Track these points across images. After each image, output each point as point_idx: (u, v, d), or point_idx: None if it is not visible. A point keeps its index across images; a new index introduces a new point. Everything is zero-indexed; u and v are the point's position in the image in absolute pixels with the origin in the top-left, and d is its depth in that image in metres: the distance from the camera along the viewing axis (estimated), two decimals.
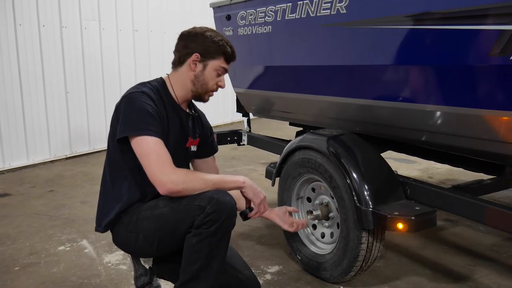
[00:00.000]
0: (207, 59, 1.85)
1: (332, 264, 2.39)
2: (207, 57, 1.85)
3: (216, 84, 1.90)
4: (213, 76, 1.88)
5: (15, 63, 4.91)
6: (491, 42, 1.73)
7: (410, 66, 2.10)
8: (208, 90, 1.90)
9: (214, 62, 1.86)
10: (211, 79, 1.88)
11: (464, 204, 2.06)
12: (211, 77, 1.87)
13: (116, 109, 1.81)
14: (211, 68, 1.86)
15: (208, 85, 1.88)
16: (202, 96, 1.92)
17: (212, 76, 1.87)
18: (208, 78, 1.87)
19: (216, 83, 1.90)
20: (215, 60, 1.86)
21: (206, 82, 1.87)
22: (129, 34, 6.17)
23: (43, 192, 4.24)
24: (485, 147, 1.97)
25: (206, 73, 1.86)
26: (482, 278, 2.54)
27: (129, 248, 1.89)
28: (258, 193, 1.83)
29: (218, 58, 1.86)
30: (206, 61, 1.85)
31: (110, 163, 1.88)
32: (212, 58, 1.85)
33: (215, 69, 1.87)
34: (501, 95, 1.82)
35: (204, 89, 1.89)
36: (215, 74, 1.88)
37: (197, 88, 1.88)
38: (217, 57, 1.86)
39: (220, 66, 1.87)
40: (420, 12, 1.94)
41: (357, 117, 2.54)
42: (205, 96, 1.92)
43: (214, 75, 1.88)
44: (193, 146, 2.02)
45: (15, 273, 2.63)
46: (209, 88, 1.89)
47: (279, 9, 2.68)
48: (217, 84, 1.90)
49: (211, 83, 1.88)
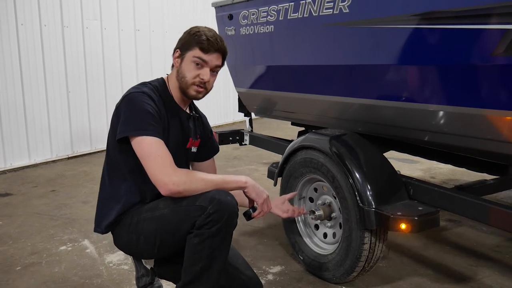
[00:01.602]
0: (185, 51, 1.83)
1: (335, 264, 2.39)
2: (184, 50, 1.83)
3: (197, 76, 1.82)
4: (190, 68, 1.82)
5: (17, 63, 4.91)
6: (494, 41, 1.71)
7: (413, 65, 2.09)
8: (188, 83, 1.83)
9: (190, 53, 1.82)
10: (188, 71, 1.82)
11: (467, 204, 2.05)
12: (188, 69, 1.82)
13: (116, 109, 1.80)
14: (187, 59, 1.82)
15: (186, 77, 1.82)
16: (186, 91, 1.85)
17: (189, 68, 1.82)
18: (185, 70, 1.82)
19: (196, 75, 1.82)
20: (191, 51, 1.82)
21: (184, 75, 1.82)
22: (131, 34, 6.17)
23: (44, 192, 4.24)
24: (488, 147, 1.96)
25: (183, 66, 1.83)
26: (484, 279, 2.53)
27: (130, 250, 1.88)
28: (261, 193, 1.81)
29: (193, 49, 1.81)
30: (183, 55, 1.83)
31: (109, 164, 1.87)
32: (188, 49, 1.82)
33: (192, 60, 1.81)
34: (505, 94, 1.81)
35: (185, 82, 1.83)
36: (193, 66, 1.81)
37: (180, 83, 1.85)
38: (191, 48, 1.81)
39: (195, 56, 1.80)
40: (423, 11, 1.93)
41: (360, 117, 2.53)
42: (188, 91, 1.84)
43: (192, 67, 1.82)
44: (193, 147, 2.02)
45: (16, 273, 2.62)
46: (188, 81, 1.82)
47: (281, 8, 2.68)
48: (198, 76, 1.82)
49: (189, 75, 1.82)
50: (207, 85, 1.85)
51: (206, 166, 2.12)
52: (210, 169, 2.12)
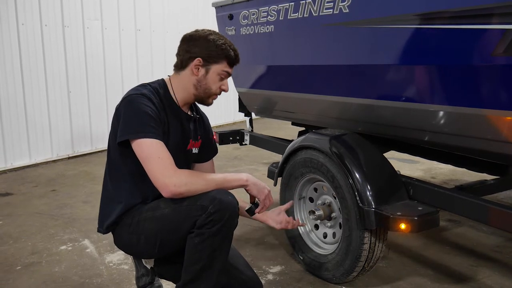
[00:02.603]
0: (210, 63, 1.82)
1: (335, 264, 2.39)
2: (210, 61, 1.82)
3: (219, 88, 1.88)
4: (215, 80, 1.85)
5: (18, 63, 4.92)
6: (494, 41, 1.71)
7: (413, 65, 2.09)
8: (211, 94, 1.88)
9: (217, 66, 1.83)
10: (213, 83, 1.85)
11: (467, 205, 2.05)
12: (213, 81, 1.85)
13: (116, 111, 1.79)
14: (213, 72, 1.83)
15: (211, 89, 1.86)
16: (205, 100, 1.90)
17: (215, 80, 1.85)
18: (210, 83, 1.85)
19: (219, 87, 1.88)
20: (218, 64, 1.83)
21: (209, 87, 1.85)
22: (131, 34, 6.18)
23: (45, 191, 4.25)
24: (488, 147, 1.96)
25: (208, 78, 1.84)
26: (485, 279, 2.53)
27: (131, 250, 1.88)
28: (262, 189, 1.81)
29: (221, 62, 1.83)
30: (208, 66, 1.83)
31: (110, 165, 1.87)
32: (215, 62, 1.83)
33: (218, 73, 1.84)
34: (505, 94, 1.81)
35: (207, 93, 1.87)
36: (218, 78, 1.85)
37: (200, 92, 1.86)
38: (220, 61, 1.83)
39: (223, 70, 1.85)
40: (423, 11, 1.93)
41: (360, 117, 2.53)
42: (208, 100, 1.91)
43: (217, 79, 1.85)
44: (194, 148, 2.01)
45: (16, 273, 2.63)
46: (212, 92, 1.87)
47: (282, 8, 2.68)
48: (220, 88, 1.88)
49: (214, 87, 1.86)
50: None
51: (206, 167, 2.11)
52: (209, 170, 2.12)
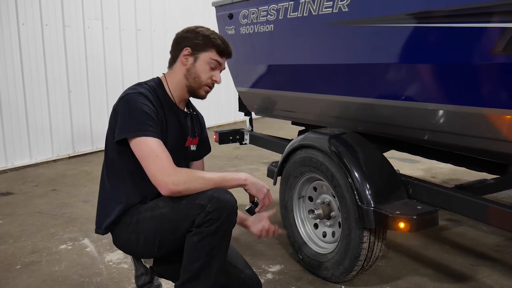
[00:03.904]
0: (198, 51, 1.83)
1: (334, 263, 2.39)
2: (198, 49, 1.83)
3: (210, 78, 1.85)
4: (205, 69, 1.84)
5: (18, 63, 4.93)
6: (493, 40, 1.71)
7: (413, 64, 2.08)
8: (201, 84, 1.85)
9: (205, 54, 1.83)
10: (203, 72, 1.84)
11: (466, 204, 2.05)
12: (203, 70, 1.84)
13: (113, 111, 1.79)
14: (202, 60, 1.83)
15: (201, 78, 1.84)
16: (196, 91, 1.87)
17: (205, 69, 1.84)
18: (199, 71, 1.84)
19: (210, 77, 1.85)
20: (206, 52, 1.83)
21: (198, 75, 1.84)
22: (132, 34, 6.18)
23: (45, 191, 4.25)
24: (488, 146, 1.96)
25: (197, 66, 1.83)
26: (484, 278, 2.52)
27: (130, 249, 1.88)
28: (261, 188, 1.81)
29: (209, 51, 1.83)
30: (197, 54, 1.83)
31: (108, 165, 1.87)
32: (203, 50, 1.83)
33: (207, 62, 1.83)
34: (504, 93, 1.81)
35: (197, 82, 1.85)
36: (208, 67, 1.84)
37: (190, 82, 1.85)
38: (208, 50, 1.83)
39: (212, 58, 1.83)
40: (422, 10, 1.93)
41: (359, 116, 2.53)
42: (199, 91, 1.87)
43: (207, 69, 1.84)
44: (192, 146, 2.02)
45: (16, 271, 2.63)
46: (202, 82, 1.85)
47: (281, 7, 2.68)
48: (211, 78, 1.86)
49: (204, 76, 1.84)
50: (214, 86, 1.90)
51: (197, 165, 2.12)
52: (200, 168, 2.12)
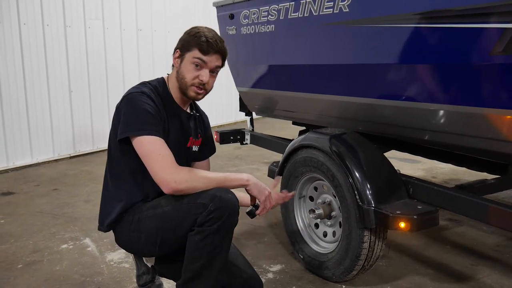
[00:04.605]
0: (184, 52, 1.84)
1: (334, 263, 2.39)
2: (184, 50, 1.84)
3: (196, 78, 1.82)
4: (190, 69, 1.82)
5: (19, 63, 4.93)
6: (493, 40, 1.72)
7: (413, 65, 2.09)
8: (187, 84, 1.83)
9: (189, 54, 1.82)
10: (187, 71, 1.82)
11: (466, 203, 2.05)
12: (187, 70, 1.82)
13: (116, 110, 1.81)
14: (187, 61, 1.82)
15: (185, 78, 1.82)
16: (185, 92, 1.85)
17: (189, 68, 1.82)
18: (184, 71, 1.83)
19: (196, 77, 1.82)
20: (190, 52, 1.82)
21: (184, 76, 1.83)
22: (133, 34, 6.18)
23: (46, 190, 4.26)
24: (488, 146, 1.96)
25: (182, 66, 1.83)
26: (485, 278, 2.53)
27: (132, 248, 1.89)
28: (263, 190, 1.82)
29: (192, 50, 1.81)
30: (183, 55, 1.84)
31: (111, 164, 1.88)
32: (188, 50, 1.82)
33: (191, 61, 1.81)
34: (504, 93, 1.81)
35: (184, 83, 1.84)
36: (192, 67, 1.82)
37: (180, 83, 1.85)
38: (191, 49, 1.81)
39: (195, 57, 1.80)
40: (422, 11, 1.93)
41: (360, 116, 2.53)
42: (188, 92, 1.85)
43: (192, 68, 1.82)
44: (194, 146, 2.02)
45: (18, 271, 2.64)
46: (187, 82, 1.82)
47: (282, 8, 2.68)
48: (198, 78, 1.82)
49: (188, 76, 1.82)
50: (206, 86, 1.85)
51: (202, 165, 2.12)
52: (205, 169, 2.12)
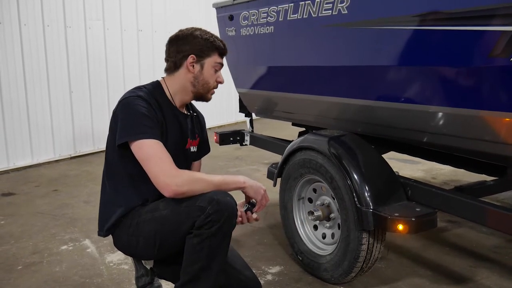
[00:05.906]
0: (203, 58, 1.88)
1: (333, 265, 2.39)
2: (203, 56, 1.88)
3: (215, 81, 1.93)
4: (212, 74, 1.91)
5: (20, 63, 4.94)
6: (491, 43, 1.72)
7: (412, 67, 2.09)
8: (209, 88, 1.93)
9: (210, 60, 1.89)
10: (210, 77, 1.91)
11: (464, 206, 2.05)
12: (210, 75, 1.90)
13: (113, 115, 1.81)
14: (208, 66, 1.89)
15: (209, 83, 1.91)
16: (204, 95, 1.94)
17: (211, 73, 1.91)
18: (207, 77, 1.90)
19: (215, 80, 1.93)
20: (210, 57, 1.89)
21: (207, 81, 1.90)
22: (133, 34, 6.19)
23: (47, 191, 4.27)
24: (487, 149, 1.97)
25: (205, 72, 1.89)
26: (483, 280, 2.53)
27: (130, 251, 1.89)
28: (258, 189, 1.85)
29: (212, 55, 1.89)
30: (202, 60, 1.88)
31: (109, 168, 1.88)
32: (208, 56, 1.88)
33: (212, 66, 1.90)
34: (502, 96, 1.81)
35: (206, 88, 1.92)
36: (213, 71, 1.91)
37: (198, 88, 1.91)
38: (211, 54, 1.89)
39: (216, 62, 1.91)
40: (421, 13, 1.93)
41: (359, 117, 2.53)
42: (208, 95, 1.95)
43: (213, 72, 1.91)
44: (192, 147, 2.03)
45: (18, 272, 2.65)
46: (210, 86, 1.93)
47: (281, 9, 2.69)
48: (216, 80, 1.93)
49: (211, 80, 1.91)
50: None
51: (196, 165, 2.15)
52: (198, 168, 2.15)
